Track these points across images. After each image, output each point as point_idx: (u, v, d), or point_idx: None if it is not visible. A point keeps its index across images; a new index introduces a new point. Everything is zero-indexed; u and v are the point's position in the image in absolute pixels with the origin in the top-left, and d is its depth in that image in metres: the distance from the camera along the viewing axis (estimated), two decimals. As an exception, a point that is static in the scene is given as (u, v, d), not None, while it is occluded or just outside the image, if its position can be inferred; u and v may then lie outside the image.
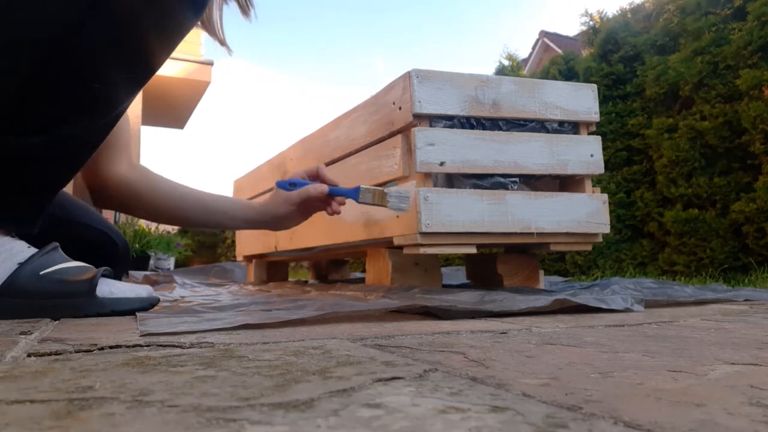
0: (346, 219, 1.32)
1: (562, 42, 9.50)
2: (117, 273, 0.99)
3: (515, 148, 1.13)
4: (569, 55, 3.14)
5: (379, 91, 1.19)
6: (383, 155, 1.17)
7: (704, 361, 0.42)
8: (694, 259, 2.17)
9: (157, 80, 4.81)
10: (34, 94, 0.69)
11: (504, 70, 3.74)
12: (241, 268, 2.52)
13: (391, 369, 0.39)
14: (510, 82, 1.15)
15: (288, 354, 0.46)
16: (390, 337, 0.56)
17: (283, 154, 1.77)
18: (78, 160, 0.80)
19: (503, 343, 0.52)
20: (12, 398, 0.30)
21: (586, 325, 0.66)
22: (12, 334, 0.58)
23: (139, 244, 3.27)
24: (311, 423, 0.25)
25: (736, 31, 2.21)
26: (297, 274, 3.44)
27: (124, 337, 0.55)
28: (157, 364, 0.41)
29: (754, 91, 2.05)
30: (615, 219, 2.48)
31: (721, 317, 0.75)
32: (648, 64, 2.55)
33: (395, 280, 1.18)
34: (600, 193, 1.20)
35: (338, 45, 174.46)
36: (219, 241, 7.71)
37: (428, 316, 0.77)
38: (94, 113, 0.75)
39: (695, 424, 0.25)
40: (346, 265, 2.18)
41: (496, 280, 1.24)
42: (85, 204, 1.17)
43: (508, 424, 0.25)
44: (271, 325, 0.66)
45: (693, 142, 2.24)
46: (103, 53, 0.70)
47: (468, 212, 1.07)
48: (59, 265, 0.77)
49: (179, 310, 0.83)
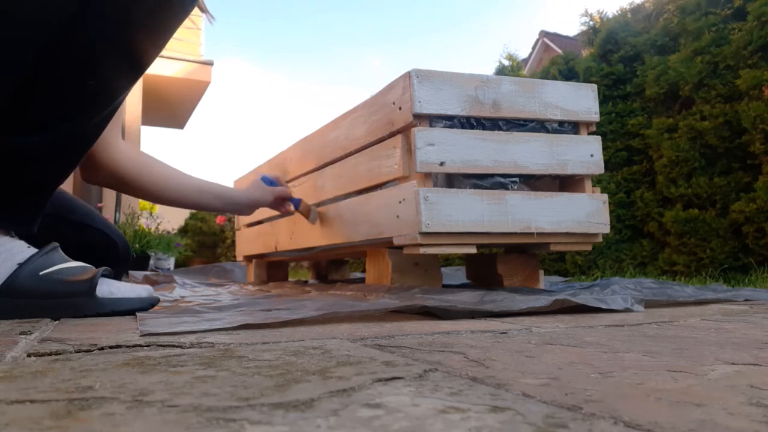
0: (347, 219, 1.32)
1: (562, 42, 9.49)
2: (117, 273, 0.99)
3: (515, 148, 1.13)
4: (569, 55, 3.14)
5: (379, 91, 1.19)
6: (383, 155, 1.17)
7: (704, 361, 0.42)
8: (694, 259, 2.17)
9: (157, 80, 4.81)
10: (32, 92, 0.69)
11: (504, 70, 3.74)
12: (241, 268, 2.52)
13: (391, 369, 0.39)
14: (510, 82, 1.15)
15: (288, 354, 0.45)
16: (390, 337, 0.56)
17: (282, 154, 1.77)
18: (76, 157, 0.81)
19: (503, 343, 0.52)
20: (12, 398, 0.30)
21: (586, 325, 0.66)
22: (12, 334, 0.58)
23: (139, 244, 3.27)
24: (311, 423, 0.25)
25: (736, 31, 2.21)
26: (297, 274, 3.44)
27: (124, 337, 0.55)
28: (157, 364, 0.41)
29: (754, 91, 2.05)
30: (615, 219, 2.48)
31: (721, 317, 0.75)
32: (648, 64, 2.55)
33: (395, 280, 1.18)
34: (600, 193, 1.20)
35: (338, 45, 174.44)
36: (219, 241, 7.70)
37: (428, 316, 0.77)
38: (93, 109, 0.75)
39: (695, 424, 0.25)
40: (346, 265, 2.18)
41: (496, 280, 1.24)
42: (85, 204, 1.17)
43: (508, 424, 0.25)
44: (271, 325, 0.66)
45: (693, 142, 2.24)
46: (99, 47, 0.70)
47: (468, 212, 1.07)
48: (59, 265, 0.77)
49: (179, 310, 0.83)
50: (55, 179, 0.80)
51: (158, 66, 4.68)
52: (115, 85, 0.75)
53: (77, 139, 0.77)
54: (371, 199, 1.22)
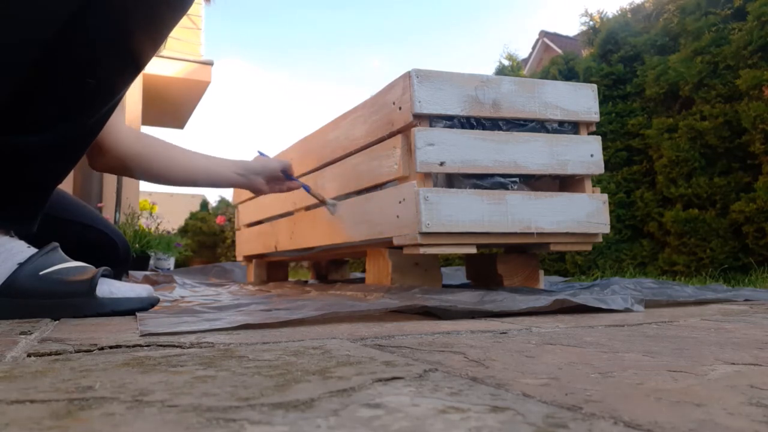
0: (346, 219, 1.32)
1: (562, 42, 9.49)
2: (117, 273, 0.99)
3: (515, 148, 1.13)
4: (569, 55, 3.14)
5: (379, 91, 1.19)
6: (383, 155, 1.17)
7: (704, 361, 0.42)
8: (694, 259, 2.16)
9: (157, 80, 4.81)
10: (32, 92, 0.69)
11: (504, 70, 3.74)
12: (241, 268, 2.52)
13: (391, 369, 0.39)
14: (510, 82, 1.15)
15: (288, 354, 0.45)
16: (390, 337, 0.56)
17: (282, 154, 1.77)
18: (76, 156, 0.81)
19: (503, 343, 0.52)
20: (12, 398, 0.30)
21: (586, 325, 0.66)
22: (12, 334, 0.58)
23: (139, 244, 3.27)
24: (311, 423, 0.25)
25: (736, 31, 2.21)
26: (297, 274, 3.44)
27: (124, 337, 0.55)
28: (157, 364, 0.41)
29: (754, 91, 2.05)
30: (615, 219, 2.48)
31: (721, 317, 0.75)
32: (648, 64, 2.55)
33: (395, 280, 1.18)
34: (600, 193, 1.20)
35: (338, 45, 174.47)
36: (219, 241, 7.70)
37: (428, 316, 0.77)
38: (92, 108, 0.75)
39: (695, 424, 0.25)
40: (346, 265, 2.18)
41: (496, 280, 1.24)
42: (85, 204, 1.17)
43: (508, 424, 0.25)
44: (271, 325, 0.66)
45: (693, 142, 2.24)
46: (99, 47, 0.70)
47: (468, 212, 1.07)
48: (59, 265, 0.77)
49: (179, 310, 0.83)
50: (55, 178, 0.80)
51: (158, 66, 4.68)
52: (114, 83, 0.75)
53: (77, 138, 0.77)
54: (371, 199, 1.22)
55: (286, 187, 1.35)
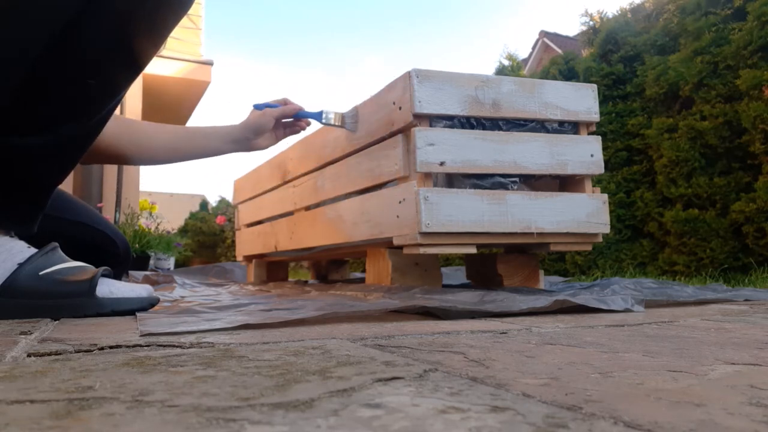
0: (346, 219, 1.32)
1: (562, 42, 9.49)
2: (117, 273, 0.99)
3: (515, 148, 1.13)
4: (569, 55, 3.14)
5: (379, 91, 1.19)
6: (383, 155, 1.17)
7: (704, 361, 0.42)
8: (694, 259, 2.16)
9: (157, 80, 4.81)
10: (33, 93, 0.69)
11: (504, 70, 3.74)
12: (241, 268, 2.52)
13: (391, 369, 0.39)
14: (510, 82, 1.15)
15: (288, 354, 0.45)
16: (390, 337, 0.56)
17: (283, 154, 1.77)
18: (76, 156, 0.81)
19: (503, 343, 0.52)
20: (12, 398, 0.30)
21: (586, 325, 0.66)
22: (12, 334, 0.58)
23: (139, 244, 3.27)
24: (311, 423, 0.25)
25: (736, 31, 2.21)
26: (297, 274, 3.44)
27: (124, 337, 0.55)
28: (157, 364, 0.41)
29: (754, 91, 2.05)
30: (615, 219, 2.48)
31: (721, 317, 0.75)
32: (648, 64, 2.55)
33: (395, 280, 1.18)
34: (600, 193, 1.20)
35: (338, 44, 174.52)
36: (219, 241, 7.70)
37: (428, 316, 0.77)
38: (93, 108, 0.75)
39: (695, 424, 0.25)
40: (346, 265, 2.18)
41: (496, 280, 1.24)
42: (85, 204, 1.17)
43: (508, 424, 0.25)
44: (271, 325, 0.66)
45: (693, 142, 2.24)
46: (101, 47, 0.70)
47: (468, 212, 1.07)
48: (59, 265, 0.77)
49: (179, 310, 0.83)
50: (55, 179, 0.80)
51: (158, 66, 4.68)
52: (115, 83, 0.76)
53: (78, 139, 0.77)
54: (371, 199, 1.22)
55: (298, 128, 1.30)
